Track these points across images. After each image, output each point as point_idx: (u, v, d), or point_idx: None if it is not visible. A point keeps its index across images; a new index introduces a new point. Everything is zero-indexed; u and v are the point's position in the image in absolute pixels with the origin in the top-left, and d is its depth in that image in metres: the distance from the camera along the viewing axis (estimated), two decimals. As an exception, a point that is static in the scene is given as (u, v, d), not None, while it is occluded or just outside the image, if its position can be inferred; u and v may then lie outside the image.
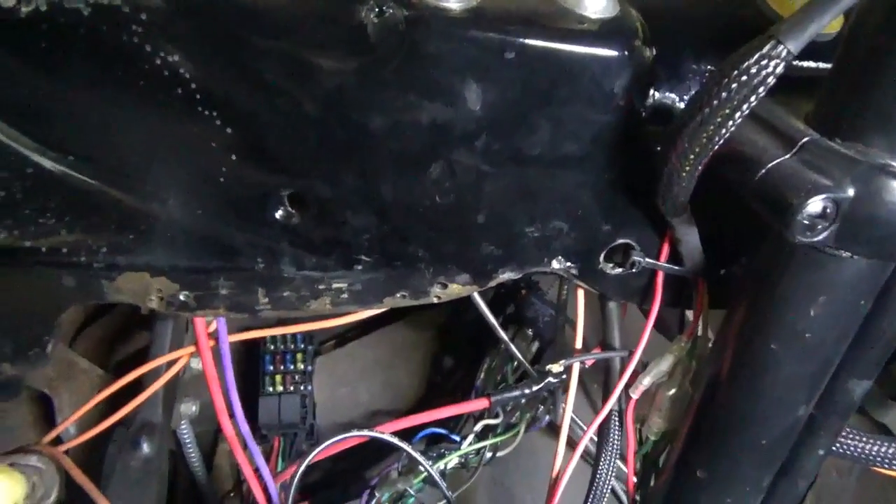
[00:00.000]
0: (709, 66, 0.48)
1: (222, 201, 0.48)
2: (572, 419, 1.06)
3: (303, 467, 0.59)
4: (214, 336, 0.57)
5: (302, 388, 1.10)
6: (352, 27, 0.42)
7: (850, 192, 0.39)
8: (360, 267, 0.51)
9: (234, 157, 0.47)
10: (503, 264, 0.53)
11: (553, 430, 1.09)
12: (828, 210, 0.39)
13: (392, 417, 1.24)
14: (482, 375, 0.97)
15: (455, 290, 0.54)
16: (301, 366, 1.11)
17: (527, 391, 0.62)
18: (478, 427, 0.89)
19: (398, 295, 0.54)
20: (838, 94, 0.41)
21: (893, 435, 0.97)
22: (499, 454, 0.92)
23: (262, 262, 0.50)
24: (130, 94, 0.44)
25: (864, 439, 0.66)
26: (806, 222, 0.39)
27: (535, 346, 0.92)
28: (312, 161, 0.47)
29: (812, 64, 0.51)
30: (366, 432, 0.60)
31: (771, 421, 0.50)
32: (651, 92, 0.47)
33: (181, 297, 0.50)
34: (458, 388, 1.16)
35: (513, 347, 0.76)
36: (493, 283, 0.54)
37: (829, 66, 0.42)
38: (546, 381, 0.60)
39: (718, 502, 0.54)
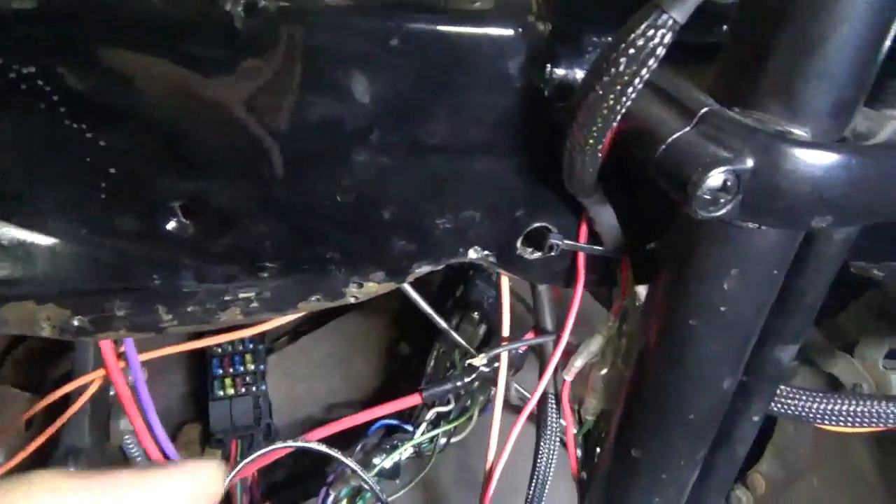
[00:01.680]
0: (609, 38, 0.46)
1: (107, 218, 0.45)
2: (527, 395, 1.06)
3: (227, 484, 0.57)
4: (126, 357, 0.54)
5: (254, 388, 1.08)
6: (220, 21, 0.39)
7: (750, 162, 0.37)
8: (265, 274, 0.49)
9: (112, 171, 0.43)
10: (418, 258, 0.51)
11: (514, 407, 1.09)
12: (728, 183, 0.37)
13: (350, 408, 1.23)
14: (432, 363, 0.95)
15: (372, 288, 0.52)
16: (252, 366, 1.09)
17: (458, 384, 0.60)
18: (430, 415, 0.88)
19: (312, 299, 0.51)
20: (735, 60, 0.40)
21: (842, 385, 0.99)
22: (454, 440, 0.91)
23: (158, 279, 0.47)
24: (-13, 112, 0.40)
25: (804, 397, 0.66)
26: (707, 197, 0.38)
27: (483, 328, 0.91)
28: (200, 168, 0.44)
29: (716, 28, 0.49)
30: (290, 443, 0.58)
31: (697, 396, 0.49)
32: (551, 69, 0.45)
33: (74, 323, 0.47)
34: (416, 374, 1.14)
35: (453, 335, 0.74)
36: (410, 279, 0.52)
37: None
38: (477, 372, 0.59)
39: (655, 479, 0.54)
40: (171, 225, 0.46)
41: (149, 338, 0.52)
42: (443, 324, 0.73)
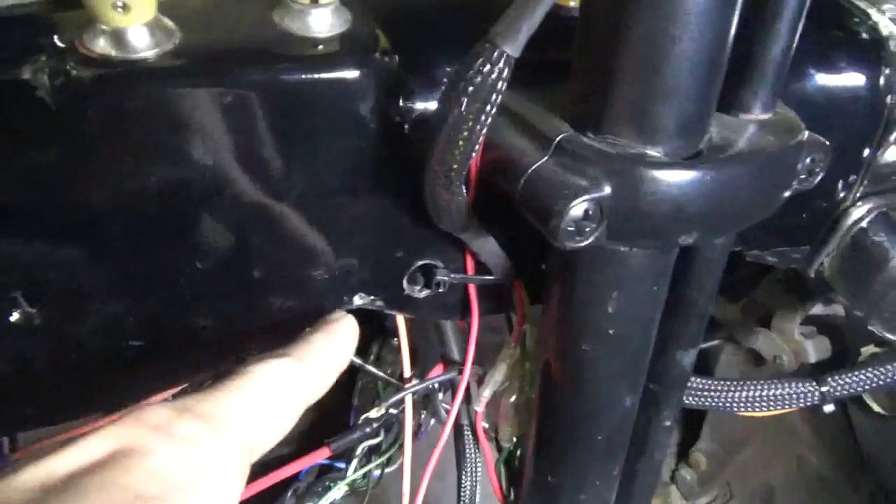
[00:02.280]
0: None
1: (-61, 320, 0.41)
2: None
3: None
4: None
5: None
6: (25, 95, 0.35)
7: (608, 189, 0.36)
8: (131, 354, 0.45)
9: (-65, 269, 0.39)
10: (299, 314, 0.48)
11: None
12: (590, 211, 0.36)
13: (283, 447, 1.18)
14: (357, 396, 0.93)
15: (256, 351, 0.49)
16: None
17: (367, 430, 0.58)
18: (360, 450, 0.85)
19: (194, 370, 0.48)
20: (582, 81, 0.39)
21: (764, 359, 1.01)
22: (388, 469, 0.89)
23: (12, 376, 0.43)
24: None
25: (714, 388, 0.66)
26: (571, 228, 0.36)
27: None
28: (36, 252, 0.40)
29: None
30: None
31: (600, 417, 0.48)
32: (405, 104, 0.43)
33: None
34: (346, 405, 1.11)
35: (370, 369, 0.72)
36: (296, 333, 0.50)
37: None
38: (382, 417, 0.56)
39: (575, 502, 0.53)
40: (14, 317, 0.42)
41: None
42: (356, 360, 0.71)
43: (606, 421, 0.48)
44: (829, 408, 0.83)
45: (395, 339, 0.92)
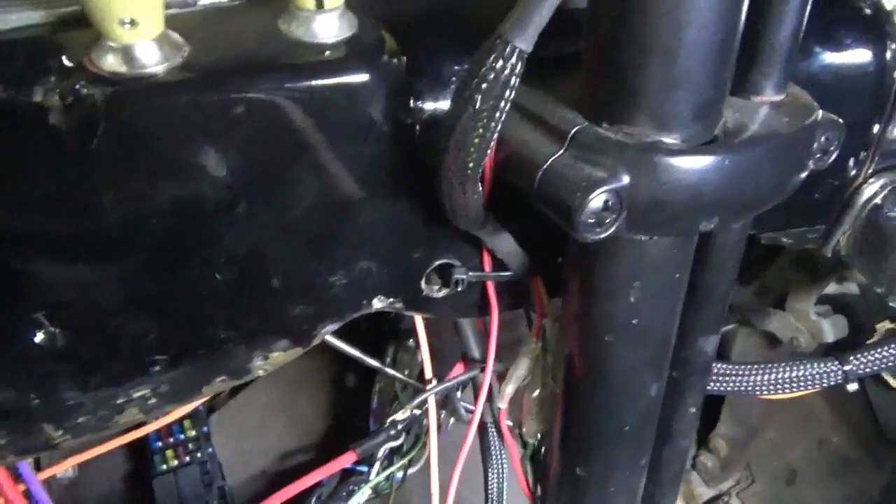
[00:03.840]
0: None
1: (-38, 345, 0.41)
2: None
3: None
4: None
5: (199, 454, 1.02)
6: (33, 116, 0.35)
7: (626, 179, 0.36)
8: (157, 368, 0.45)
9: (-44, 295, 0.39)
10: (321, 319, 0.48)
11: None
12: (610, 202, 0.36)
13: (304, 454, 1.19)
14: (376, 397, 0.93)
15: (279, 357, 0.49)
16: (193, 432, 1.04)
17: (392, 433, 0.58)
18: (381, 453, 0.85)
19: (216, 381, 0.48)
20: (593, 73, 0.38)
21: (780, 340, 1.01)
22: (411, 470, 0.89)
23: (36, 397, 0.43)
24: None
25: (736, 373, 0.66)
26: (591, 220, 0.36)
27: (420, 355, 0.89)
28: (55, 273, 0.40)
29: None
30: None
31: (626, 407, 0.48)
32: (415, 104, 0.43)
33: (-48, 461, 0.43)
34: (364, 407, 1.11)
35: (388, 371, 0.72)
36: (317, 341, 0.49)
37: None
38: (407, 419, 0.56)
39: (604, 494, 0.53)
40: (38, 337, 0.42)
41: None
42: (374, 363, 0.71)
43: (633, 411, 0.48)
44: (852, 386, 0.83)
45: (410, 340, 0.92)
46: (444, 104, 0.44)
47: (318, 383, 1.18)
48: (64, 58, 0.37)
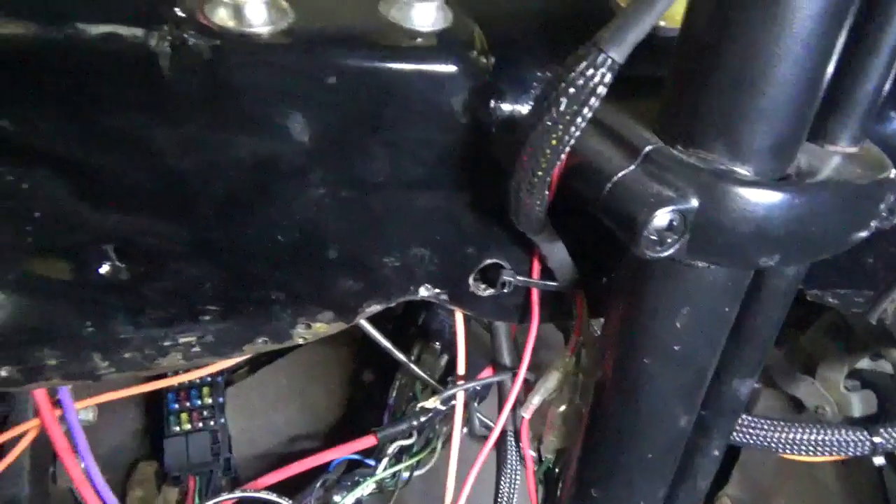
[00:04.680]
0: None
1: (34, 263, 0.43)
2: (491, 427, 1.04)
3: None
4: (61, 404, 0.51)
5: (212, 422, 1.04)
6: (144, 62, 0.37)
7: (694, 202, 0.37)
8: (207, 318, 0.47)
9: (38, 215, 0.41)
10: (366, 298, 0.49)
11: (480, 437, 1.07)
12: (674, 223, 0.37)
13: (313, 441, 1.20)
14: (394, 393, 0.93)
15: (321, 329, 0.50)
16: (209, 400, 1.05)
17: (414, 423, 0.58)
18: (391, 449, 0.86)
19: (258, 341, 0.49)
20: (676, 96, 0.39)
21: (805, 407, 0.99)
22: (417, 473, 0.89)
23: (91, 326, 0.45)
24: None
25: (767, 427, 0.65)
26: (654, 237, 0.37)
27: (444, 359, 0.90)
28: (131, 210, 0.42)
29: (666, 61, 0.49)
30: (237, 494, 0.55)
31: (654, 434, 0.48)
32: (496, 104, 0.44)
33: (2, 374, 0.44)
34: (378, 404, 1.12)
35: (414, 368, 0.73)
36: (360, 318, 0.51)
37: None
38: (433, 412, 0.57)
39: (615, 519, 0.52)
40: (104, 268, 0.44)
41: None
42: (402, 358, 0.72)
43: (659, 438, 0.48)
44: (879, 460, 0.81)
45: (436, 343, 0.92)
46: (522, 107, 0.45)
47: (335, 375, 1.19)
48: (178, 9, 0.39)
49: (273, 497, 0.56)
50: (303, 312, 0.49)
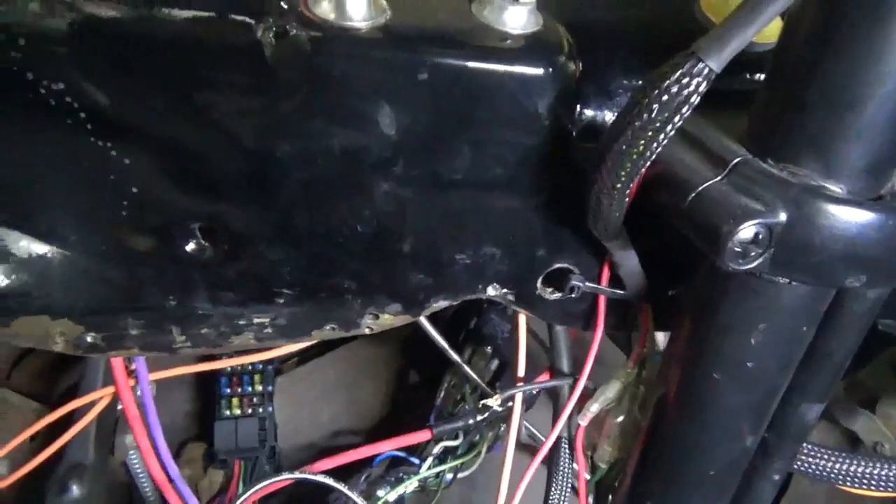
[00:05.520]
0: (639, 82, 0.45)
1: (126, 237, 0.45)
2: (538, 436, 1.03)
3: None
4: (136, 374, 0.54)
5: (261, 410, 1.06)
6: (249, 49, 0.39)
7: (783, 216, 0.36)
8: (281, 300, 0.48)
9: (135, 190, 0.43)
10: (435, 293, 0.50)
11: (524, 445, 1.07)
12: (760, 236, 0.36)
13: (356, 437, 1.22)
14: (442, 395, 0.94)
15: (387, 320, 0.51)
16: (259, 387, 1.08)
17: (470, 421, 0.59)
18: (436, 449, 0.86)
19: (327, 328, 0.51)
20: (770, 110, 0.39)
21: (862, 442, 0.96)
22: (461, 475, 0.89)
23: (173, 300, 0.47)
24: (15, 125, 0.40)
25: (827, 457, 0.64)
26: (738, 249, 0.37)
27: (495, 363, 0.90)
28: (221, 191, 0.44)
29: (753, 75, 0.49)
30: (296, 475, 0.56)
31: (717, 451, 0.47)
32: (579, 110, 0.45)
33: (87, 339, 0.47)
34: (423, 406, 1.13)
35: (466, 369, 0.73)
36: (427, 312, 0.51)
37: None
38: (490, 411, 0.57)
39: (669, 535, 0.52)
40: (190, 246, 0.46)
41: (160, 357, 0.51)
42: (457, 358, 0.72)
43: (722, 456, 0.47)
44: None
45: (488, 347, 0.93)
46: (605, 114, 0.45)
47: (382, 373, 1.20)
48: (283, 1, 0.40)
49: (330, 481, 0.57)
50: (372, 302, 0.50)
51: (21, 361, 0.85)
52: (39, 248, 0.44)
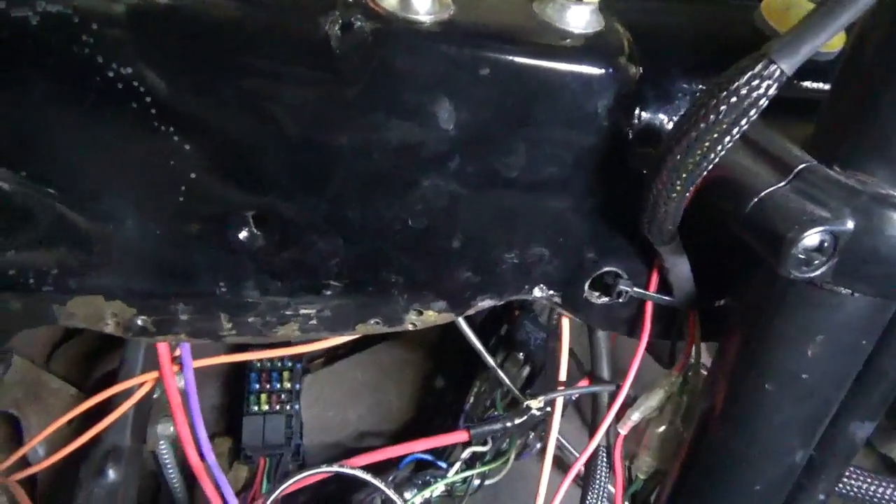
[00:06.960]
0: (700, 86, 0.45)
1: (182, 222, 0.45)
2: (566, 447, 1.02)
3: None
4: (180, 361, 0.54)
5: (288, 407, 1.06)
6: (315, 41, 0.39)
7: (850, 224, 0.35)
8: (328, 292, 0.48)
9: (193, 176, 0.44)
10: (481, 291, 0.50)
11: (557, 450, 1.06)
12: (825, 244, 0.36)
13: (381, 439, 1.21)
14: (471, 400, 0.93)
15: (431, 317, 0.51)
16: (288, 385, 1.08)
17: (508, 424, 0.58)
18: (465, 454, 0.85)
19: (371, 322, 0.51)
20: (838, 117, 0.38)
21: (899, 469, 0.93)
22: (487, 482, 0.88)
23: (224, 287, 0.47)
24: (82, 109, 0.41)
25: (871, 481, 0.62)
26: (801, 257, 0.36)
27: (526, 370, 0.89)
28: (276, 180, 0.44)
29: (813, 84, 0.48)
30: (335, 468, 0.56)
31: (765, 466, 0.46)
32: (637, 112, 0.44)
33: (138, 322, 0.47)
34: (449, 410, 1.12)
35: (500, 374, 0.72)
36: (471, 311, 0.51)
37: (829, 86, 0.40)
38: (529, 414, 0.57)
39: (709, 550, 0.51)
40: (242, 235, 0.46)
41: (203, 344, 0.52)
42: (491, 362, 0.71)
43: (770, 471, 0.46)
44: None
45: (520, 353, 0.92)
46: (664, 117, 0.45)
47: (409, 376, 1.20)
48: (349, -7, 0.41)
49: (368, 476, 0.57)
50: (418, 298, 0.50)
51: (60, 347, 0.86)
52: (100, 229, 0.44)
